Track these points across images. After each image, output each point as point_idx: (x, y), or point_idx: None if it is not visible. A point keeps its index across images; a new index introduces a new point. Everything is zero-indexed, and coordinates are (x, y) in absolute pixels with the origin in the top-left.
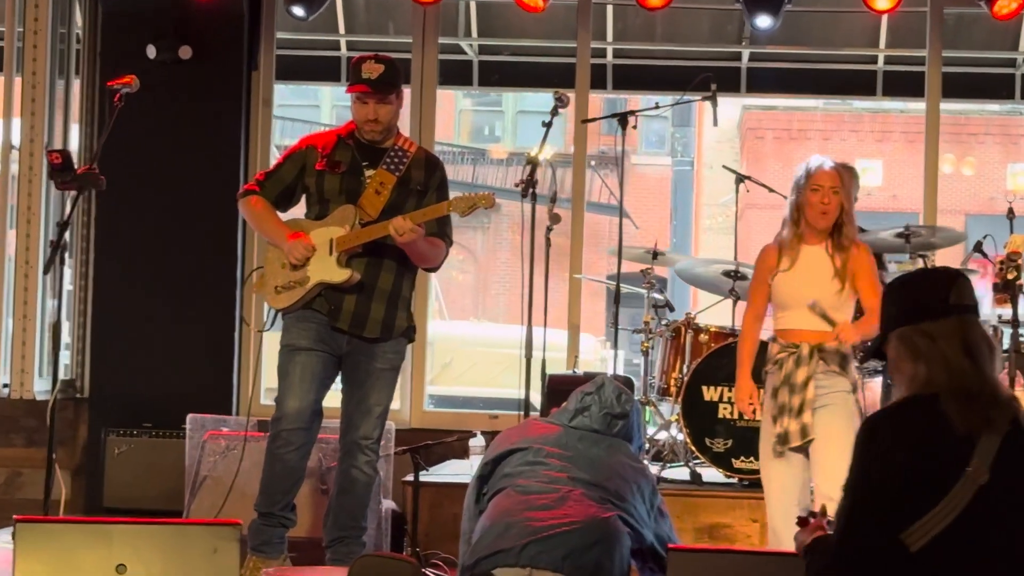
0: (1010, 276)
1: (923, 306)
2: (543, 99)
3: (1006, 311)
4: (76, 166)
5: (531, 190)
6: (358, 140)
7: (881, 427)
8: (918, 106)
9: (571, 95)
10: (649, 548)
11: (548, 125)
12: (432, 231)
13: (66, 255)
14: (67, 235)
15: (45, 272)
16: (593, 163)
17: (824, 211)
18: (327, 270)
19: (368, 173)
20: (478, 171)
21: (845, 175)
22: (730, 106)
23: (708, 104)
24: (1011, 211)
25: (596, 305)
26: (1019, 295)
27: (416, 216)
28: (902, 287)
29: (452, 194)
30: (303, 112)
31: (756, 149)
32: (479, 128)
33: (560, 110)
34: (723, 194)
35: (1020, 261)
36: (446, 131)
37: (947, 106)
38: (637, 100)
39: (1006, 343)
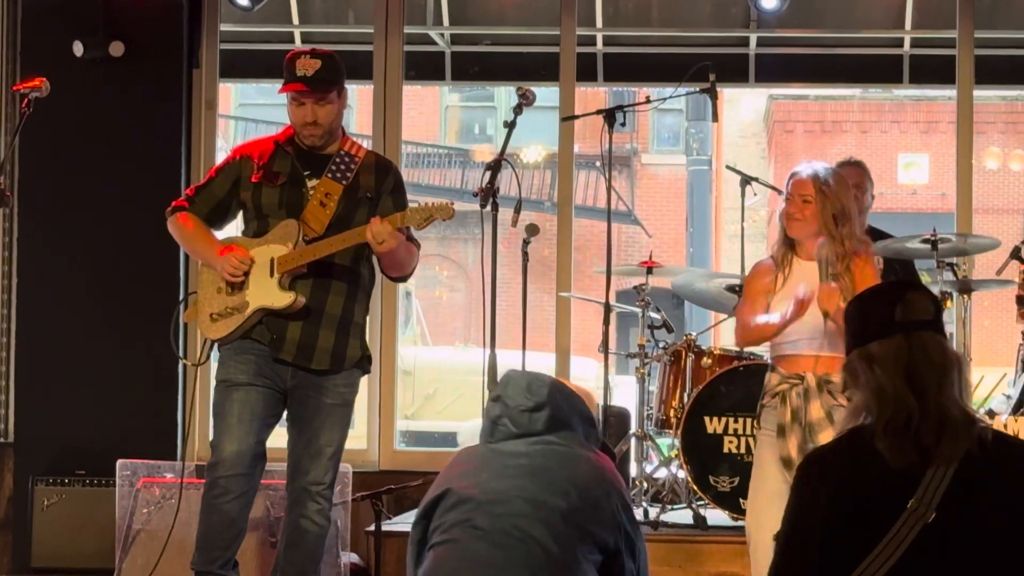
0: None
1: (868, 326)
2: (542, 92)
3: None
4: None
5: (492, 199)
6: (298, 147)
7: (814, 465)
8: (975, 92)
9: (538, 90)
10: None
11: (511, 125)
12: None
13: None
14: None
15: None
16: (598, 164)
17: (793, 218)
18: (268, 294)
19: (311, 184)
20: (468, 175)
21: (828, 184)
22: (755, 96)
23: (725, 95)
24: None
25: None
26: None
27: (352, 235)
28: (853, 306)
29: (411, 202)
30: (269, 112)
31: (785, 144)
32: (468, 127)
33: (524, 107)
34: (748, 196)
35: None
36: (430, 131)
37: (1001, 92)
38: (645, 93)
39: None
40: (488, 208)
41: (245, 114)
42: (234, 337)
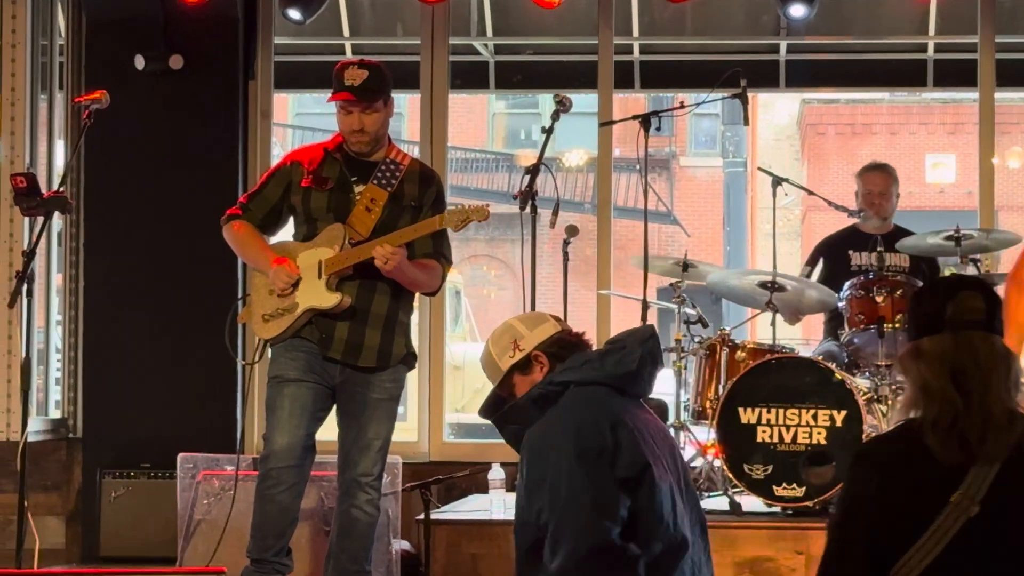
0: None
1: (920, 322)
2: (583, 99)
3: None
4: (47, 189)
5: (531, 201)
6: (346, 153)
7: (865, 457)
8: (996, 95)
9: (579, 97)
10: None
11: (548, 131)
12: (427, 251)
13: (53, 285)
14: (54, 262)
15: (10, 305)
16: (637, 167)
17: None
18: (316, 295)
19: (358, 189)
20: (514, 178)
21: None
22: (788, 101)
23: (760, 100)
24: None
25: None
26: None
27: (394, 238)
28: (912, 300)
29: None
30: (324, 121)
31: (818, 146)
32: (514, 132)
33: (562, 114)
34: (781, 196)
35: None
36: (478, 137)
37: None
38: (681, 99)
39: None
40: (527, 210)
41: (302, 122)
42: (285, 336)
